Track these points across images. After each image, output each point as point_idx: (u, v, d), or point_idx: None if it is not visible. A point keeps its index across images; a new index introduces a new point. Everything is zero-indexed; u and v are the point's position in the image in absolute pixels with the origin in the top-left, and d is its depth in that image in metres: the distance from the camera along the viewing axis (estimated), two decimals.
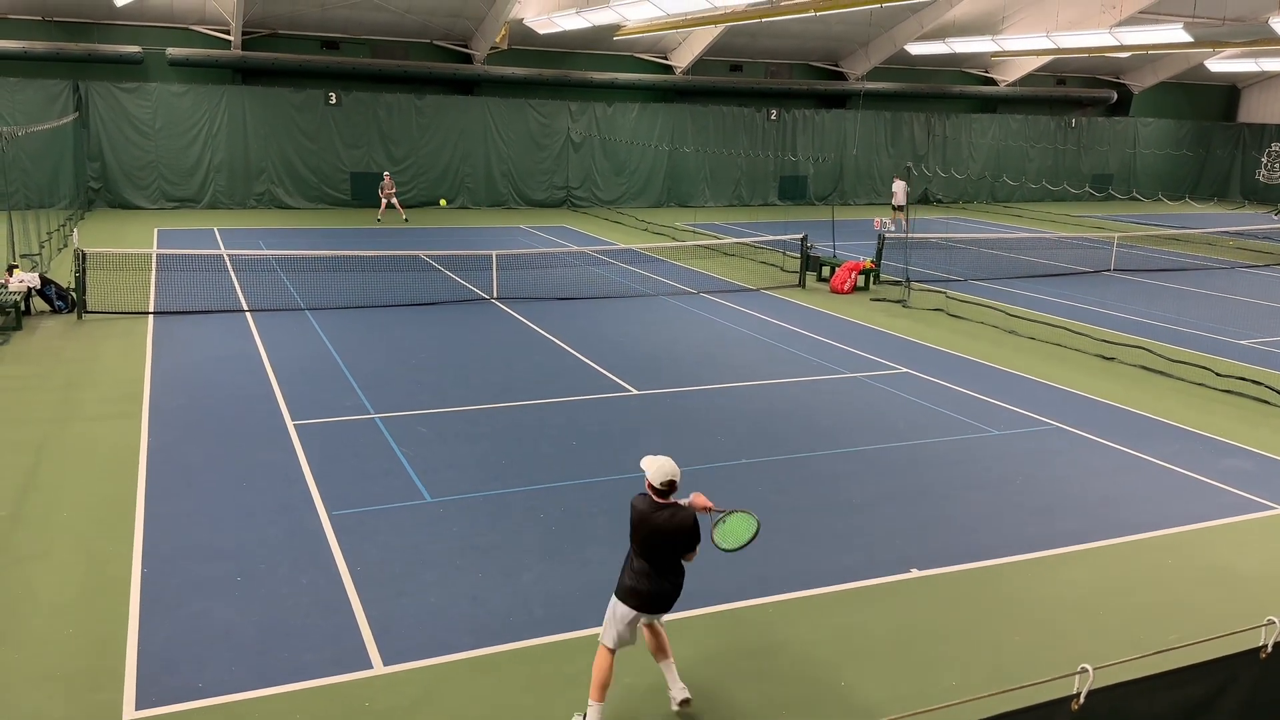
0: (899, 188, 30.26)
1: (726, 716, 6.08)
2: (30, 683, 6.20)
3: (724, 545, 5.92)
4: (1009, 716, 3.41)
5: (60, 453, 10.11)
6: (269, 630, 6.84)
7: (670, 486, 5.75)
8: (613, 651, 5.93)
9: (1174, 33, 26.47)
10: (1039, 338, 16.39)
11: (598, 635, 5.90)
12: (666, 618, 6.26)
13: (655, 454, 5.90)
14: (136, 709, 5.95)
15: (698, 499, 5.95)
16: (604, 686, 5.87)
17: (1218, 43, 28.78)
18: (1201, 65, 40.56)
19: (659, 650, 6.16)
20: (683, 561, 5.90)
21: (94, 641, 6.66)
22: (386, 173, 30.32)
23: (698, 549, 5.88)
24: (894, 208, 30.75)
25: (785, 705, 6.21)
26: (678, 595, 5.95)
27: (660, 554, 5.79)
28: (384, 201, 29.58)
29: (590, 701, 5.87)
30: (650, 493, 5.80)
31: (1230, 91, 46.82)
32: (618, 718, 6.04)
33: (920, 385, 13.44)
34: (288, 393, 12.29)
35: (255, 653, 6.57)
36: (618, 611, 5.88)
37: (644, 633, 6.13)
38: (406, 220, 29.52)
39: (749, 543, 5.92)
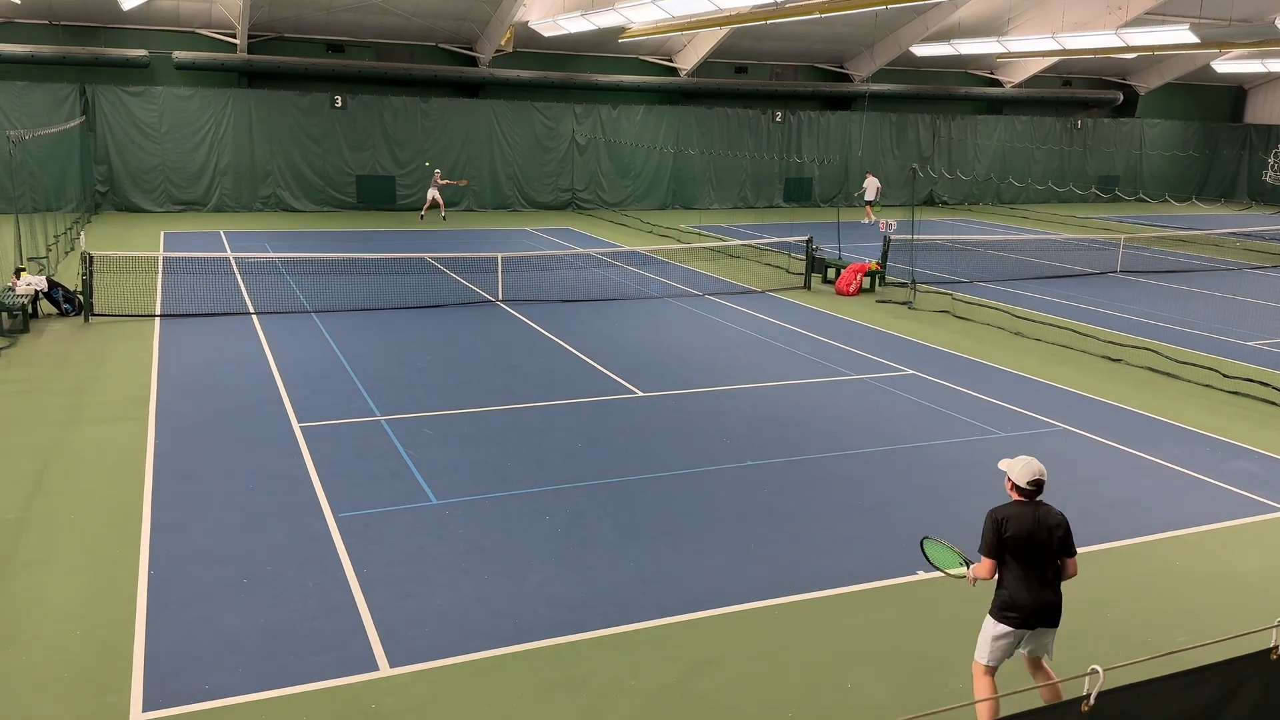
0: (869, 183, 31.42)
1: (733, 719, 6.06)
2: (38, 686, 6.21)
3: (932, 554, 5.92)
4: (1017, 718, 3.39)
5: (67, 456, 10.13)
6: (275, 633, 6.84)
7: (1038, 486, 5.59)
8: (990, 670, 5.64)
9: (1180, 34, 26.42)
10: (1045, 339, 16.35)
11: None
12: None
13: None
14: (143, 711, 5.96)
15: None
16: (992, 716, 5.53)
17: (1224, 43, 28.73)
18: (1208, 66, 40.47)
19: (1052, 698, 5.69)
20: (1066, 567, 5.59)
21: (101, 645, 6.67)
22: (437, 169, 30.92)
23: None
24: (866, 203, 31.51)
25: (790, 708, 6.19)
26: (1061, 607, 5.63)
27: (1043, 558, 5.51)
28: (430, 198, 30.06)
29: None
30: (1016, 495, 5.62)
31: (1237, 92, 46.72)
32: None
33: (926, 387, 13.42)
34: (294, 395, 12.30)
35: (262, 655, 6.57)
36: (996, 631, 5.58)
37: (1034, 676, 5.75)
38: (444, 218, 29.86)
39: (936, 566, 5.90)
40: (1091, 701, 3.46)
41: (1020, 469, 5.61)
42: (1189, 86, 44.42)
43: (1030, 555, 5.49)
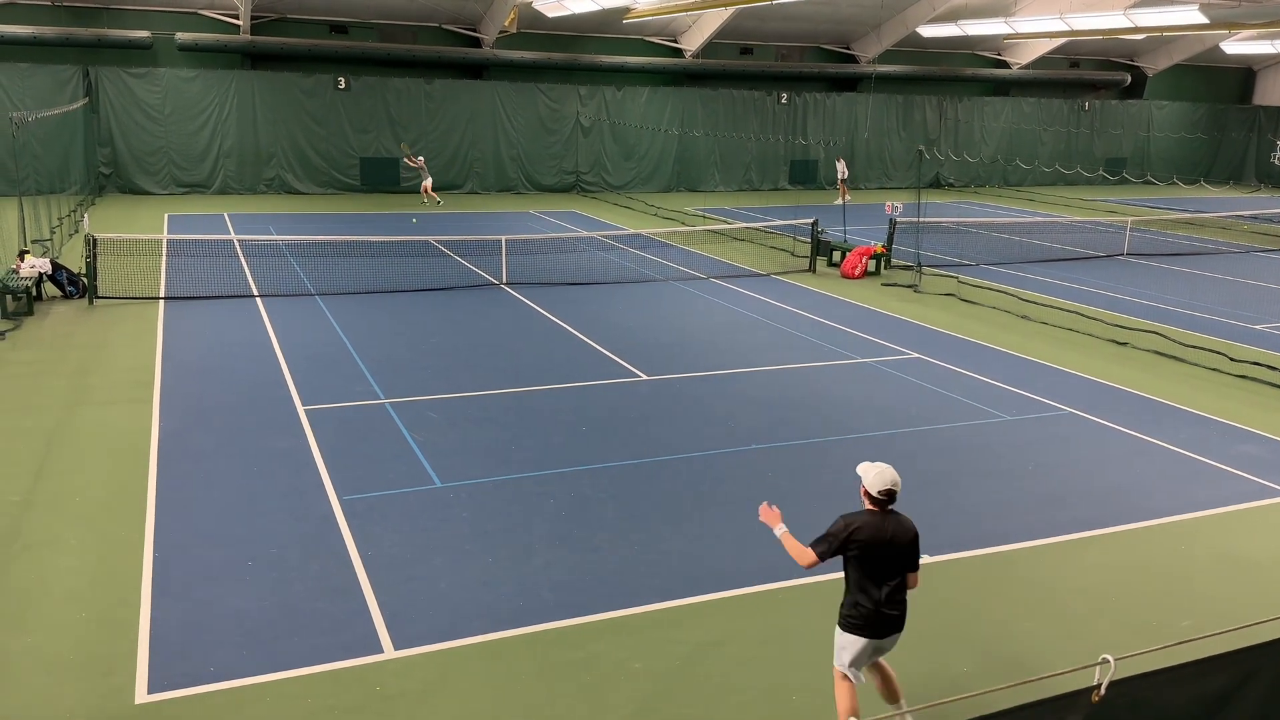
0: (840, 166, 32.25)
1: (737, 701, 6.06)
2: (43, 667, 6.22)
3: None
4: (1028, 708, 3.37)
5: (71, 439, 10.13)
6: (280, 615, 6.85)
7: (890, 496, 5.38)
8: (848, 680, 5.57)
9: (1189, 14, 26.20)
10: (1051, 323, 16.29)
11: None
12: None
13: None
14: (148, 693, 5.97)
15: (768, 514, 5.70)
16: (849, 714, 5.51)
17: (1233, 24, 28.48)
18: (1217, 47, 40.16)
19: (889, 694, 5.75)
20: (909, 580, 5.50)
21: (106, 626, 6.68)
22: (420, 156, 30.59)
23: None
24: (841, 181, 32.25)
25: (794, 690, 6.19)
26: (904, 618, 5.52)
27: (890, 570, 5.38)
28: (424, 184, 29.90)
29: None
30: (869, 502, 5.42)
31: (1246, 74, 46.38)
32: None
33: (931, 370, 13.37)
34: (298, 378, 12.29)
35: (266, 637, 6.57)
36: (845, 640, 5.49)
37: (873, 675, 5.74)
38: (440, 203, 29.66)
39: None
40: (1102, 691, 3.43)
41: (874, 477, 5.39)
42: (1198, 68, 44.10)
43: (876, 565, 5.35)
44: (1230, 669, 3.72)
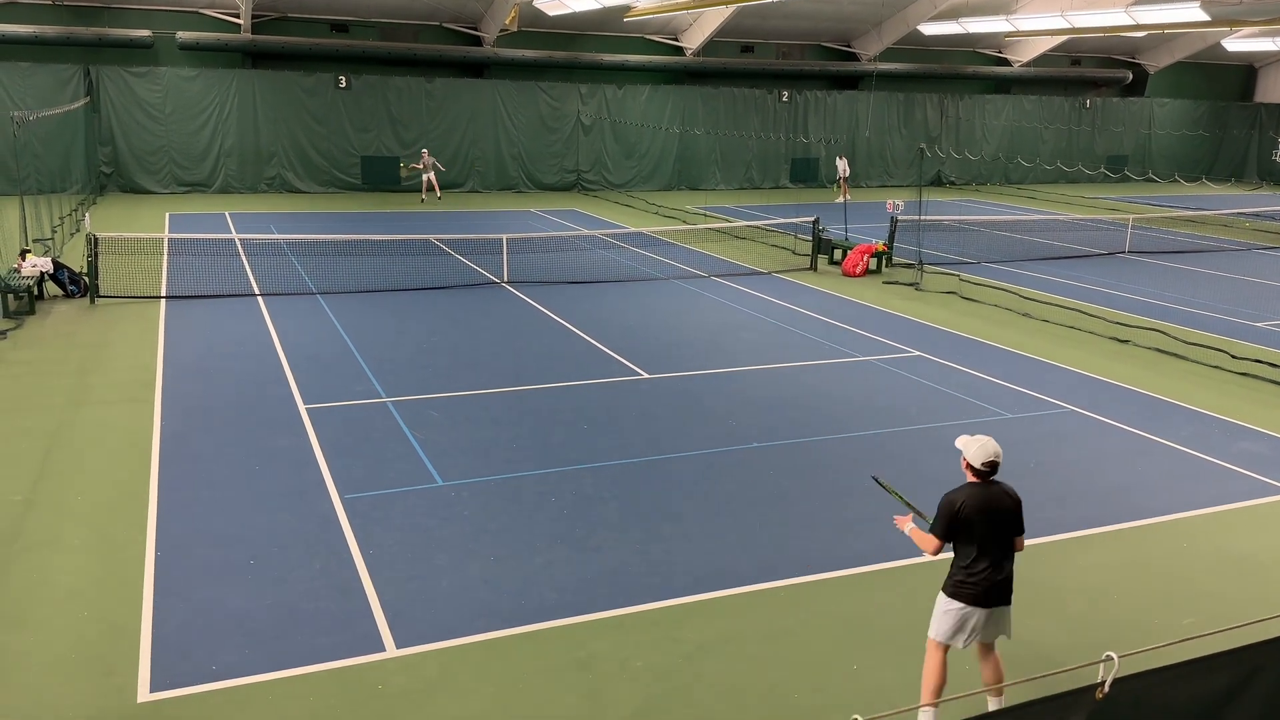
0: (842, 165, 32.59)
1: (738, 701, 6.06)
2: (45, 667, 6.22)
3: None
4: (1031, 705, 3.37)
5: (73, 438, 10.13)
6: (282, 614, 6.85)
7: (993, 467, 5.66)
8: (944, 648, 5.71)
9: (1191, 11, 26.15)
10: (1053, 320, 16.28)
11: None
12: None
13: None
14: (150, 692, 5.97)
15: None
16: (936, 690, 5.63)
17: (1235, 21, 28.42)
18: (1218, 45, 40.10)
19: (994, 680, 5.80)
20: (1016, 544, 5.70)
21: (108, 625, 6.68)
22: (424, 150, 30.47)
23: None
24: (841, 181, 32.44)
25: (796, 689, 6.19)
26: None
27: (997, 537, 5.60)
28: (425, 180, 29.72)
29: (922, 706, 5.64)
30: (971, 475, 5.69)
31: (1247, 71, 46.32)
32: None
33: (932, 368, 13.36)
34: (299, 377, 12.29)
35: (268, 636, 6.58)
36: (951, 607, 5.63)
37: (981, 662, 5.84)
38: (440, 198, 29.60)
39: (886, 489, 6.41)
40: (1106, 688, 3.43)
41: (976, 450, 5.65)
42: (1199, 65, 44.04)
43: (984, 535, 5.56)
44: (1233, 667, 3.72)
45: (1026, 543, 5.90)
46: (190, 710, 5.83)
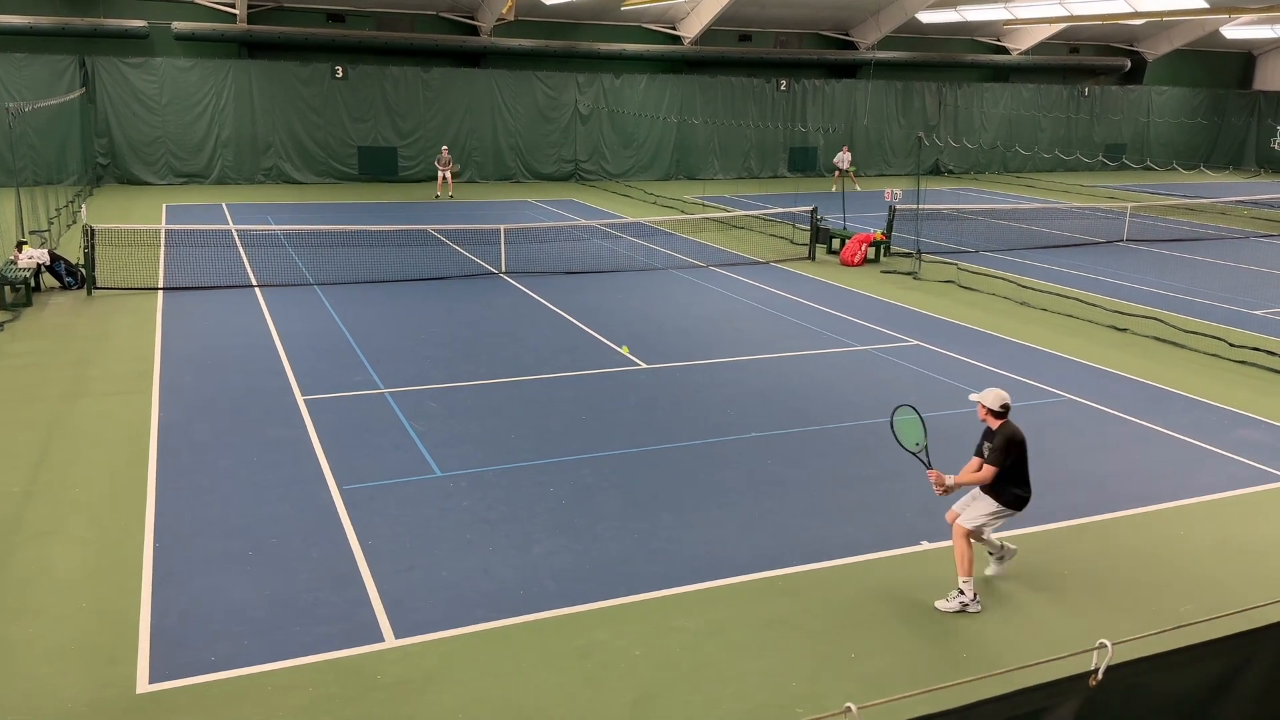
0: (845, 156, 33.10)
1: (737, 688, 6.08)
2: (44, 657, 6.23)
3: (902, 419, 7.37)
4: (1025, 692, 3.38)
5: (71, 429, 10.13)
6: (281, 604, 6.86)
7: (1008, 409, 7.04)
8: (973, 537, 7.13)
9: None
10: (1051, 309, 16.28)
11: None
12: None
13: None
14: (150, 682, 5.99)
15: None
16: (972, 564, 7.05)
17: (1234, 9, 28.36)
18: (1217, 32, 40.01)
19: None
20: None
21: (107, 616, 6.69)
22: (444, 147, 30.14)
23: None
24: (843, 171, 32.69)
25: (794, 677, 6.21)
26: None
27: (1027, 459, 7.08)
28: (440, 176, 29.32)
29: (963, 578, 6.96)
30: (994, 419, 7.01)
31: (1246, 59, 46.22)
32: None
33: (931, 357, 13.37)
34: (298, 368, 12.29)
35: (267, 627, 6.59)
36: (1005, 514, 7.07)
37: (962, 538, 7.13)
38: (451, 196, 29.22)
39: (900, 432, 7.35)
40: (1100, 675, 3.44)
41: (994, 397, 7.04)
42: (1197, 53, 43.94)
43: (1025, 459, 7.04)
44: (1229, 653, 3.73)
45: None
46: (189, 700, 5.84)
